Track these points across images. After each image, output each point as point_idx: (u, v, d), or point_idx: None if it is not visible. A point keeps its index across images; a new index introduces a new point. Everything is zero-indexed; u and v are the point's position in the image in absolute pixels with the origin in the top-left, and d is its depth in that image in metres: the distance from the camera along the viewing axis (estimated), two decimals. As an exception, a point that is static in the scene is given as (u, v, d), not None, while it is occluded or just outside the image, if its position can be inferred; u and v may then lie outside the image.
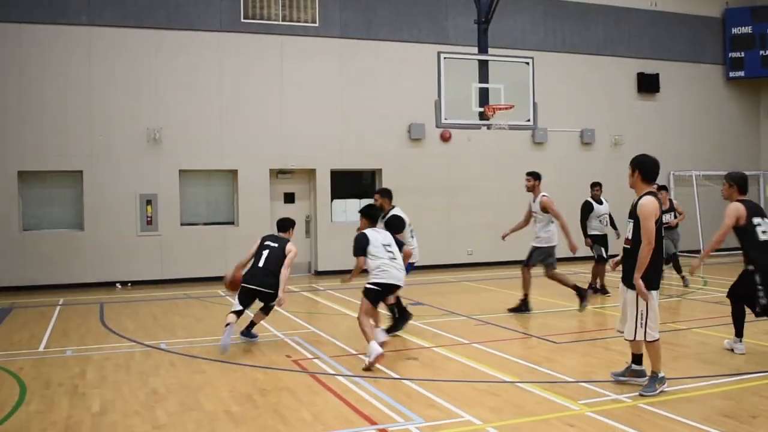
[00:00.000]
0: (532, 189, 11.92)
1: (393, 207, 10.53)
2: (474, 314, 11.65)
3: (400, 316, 10.16)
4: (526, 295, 11.86)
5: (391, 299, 9.57)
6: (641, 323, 6.71)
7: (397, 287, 8.87)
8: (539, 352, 8.79)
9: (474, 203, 19.08)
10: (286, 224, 10.38)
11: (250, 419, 6.32)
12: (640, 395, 6.70)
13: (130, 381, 7.71)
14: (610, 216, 13.86)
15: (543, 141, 19.97)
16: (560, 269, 11.96)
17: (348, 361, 8.46)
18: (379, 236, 8.97)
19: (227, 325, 9.05)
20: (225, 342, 8.89)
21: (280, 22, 17.48)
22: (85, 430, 6.13)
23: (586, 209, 13.73)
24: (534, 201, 11.87)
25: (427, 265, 16.85)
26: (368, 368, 7.89)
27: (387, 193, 10.73)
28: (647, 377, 6.95)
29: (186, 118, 16.76)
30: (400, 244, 9.47)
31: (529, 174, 12.08)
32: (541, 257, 11.73)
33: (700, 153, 22.07)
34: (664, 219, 12.62)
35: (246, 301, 9.48)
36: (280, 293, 9.30)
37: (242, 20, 17.16)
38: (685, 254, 19.64)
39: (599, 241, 13.55)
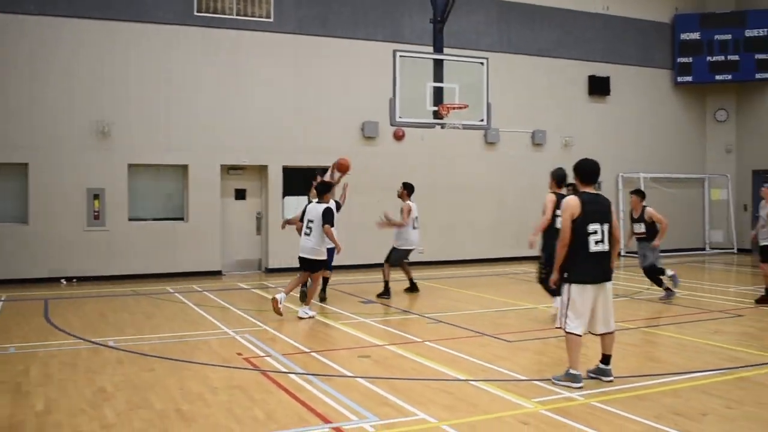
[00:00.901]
0: (401, 196, 13.69)
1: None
2: (426, 312, 11.66)
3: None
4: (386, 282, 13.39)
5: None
6: (563, 312, 7.12)
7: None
8: (492, 351, 8.81)
9: (427, 202, 19.03)
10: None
11: (201, 418, 6.21)
12: (551, 379, 7.18)
13: (77, 379, 7.51)
14: None
15: (495, 141, 20.09)
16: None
17: (300, 358, 8.38)
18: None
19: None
20: None
21: (234, 16, 17.28)
22: (29, 430, 5.95)
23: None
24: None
25: (380, 263, 16.80)
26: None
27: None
28: (611, 378, 7.24)
29: (137, 112, 16.46)
30: None
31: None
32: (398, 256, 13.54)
33: (648, 156, 22.45)
34: (635, 229, 12.84)
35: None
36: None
37: (195, 13, 16.91)
38: (630, 255, 19.96)
39: None
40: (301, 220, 11.60)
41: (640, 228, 12.87)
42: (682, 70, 22.88)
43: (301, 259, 11.35)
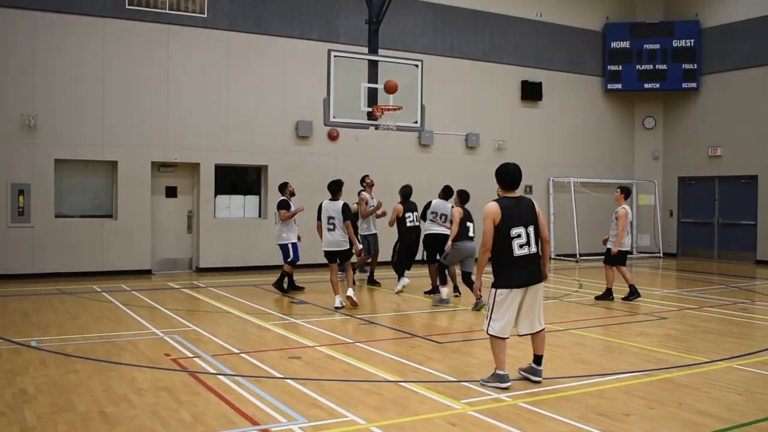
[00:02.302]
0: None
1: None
2: (357, 313, 11.66)
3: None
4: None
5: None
6: (487, 315, 7.25)
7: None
8: (422, 352, 8.85)
9: (360, 203, 19.10)
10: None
11: (126, 420, 6.08)
12: (480, 381, 7.28)
13: (-4, 380, 7.29)
14: None
15: (429, 143, 20.22)
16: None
17: (229, 360, 8.28)
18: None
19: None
20: None
21: (167, 11, 17.00)
22: (-55, 433, 5.75)
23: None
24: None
25: (312, 264, 16.76)
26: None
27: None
28: (540, 379, 7.35)
29: (64, 106, 16.05)
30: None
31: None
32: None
33: (578, 161, 22.90)
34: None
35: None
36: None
37: (127, 6, 16.58)
38: (560, 258, 20.37)
39: None
40: (319, 218, 12.64)
41: None
42: (612, 78, 23.40)
43: (329, 253, 12.29)
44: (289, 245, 13.94)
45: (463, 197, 12.89)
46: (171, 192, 17.59)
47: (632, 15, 23.86)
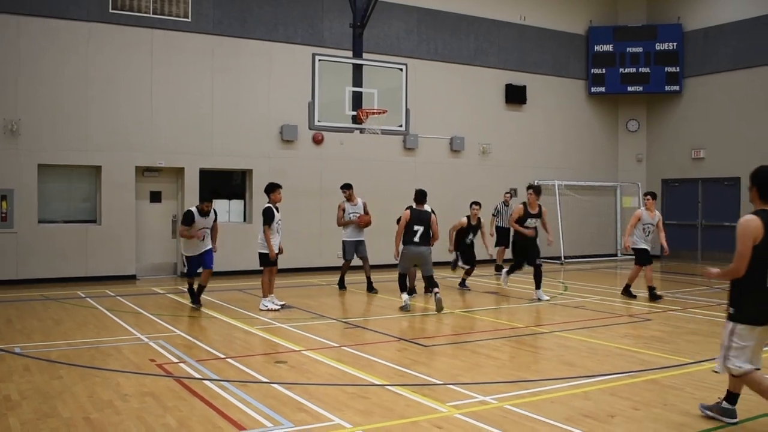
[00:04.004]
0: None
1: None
2: (343, 317, 11.65)
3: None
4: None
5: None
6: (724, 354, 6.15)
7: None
8: (408, 355, 8.86)
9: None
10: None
11: (111, 426, 6.04)
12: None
13: (-21, 387, 7.23)
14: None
15: (414, 147, 20.24)
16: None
17: (215, 365, 8.25)
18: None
19: None
20: None
21: (151, 15, 16.94)
22: (-73, 441, 5.70)
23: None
24: None
25: (297, 268, 16.76)
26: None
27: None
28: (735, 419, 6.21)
29: (48, 111, 15.96)
30: None
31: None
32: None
33: (562, 163, 22.98)
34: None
35: None
36: None
37: (110, 11, 16.52)
38: (548, 260, 20.42)
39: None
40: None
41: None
42: (595, 81, 23.52)
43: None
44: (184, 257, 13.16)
45: (420, 197, 12.68)
46: (155, 197, 17.51)
47: (615, 19, 24.00)
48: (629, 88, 23.23)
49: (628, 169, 24.26)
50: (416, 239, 12.26)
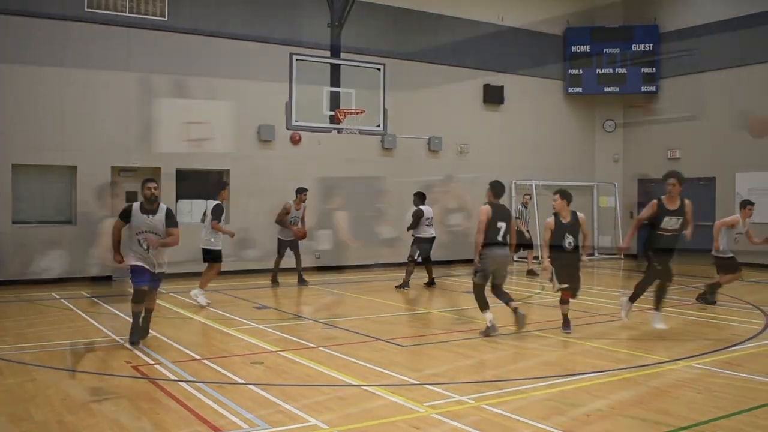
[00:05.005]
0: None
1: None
2: (320, 318, 11.62)
3: None
4: None
5: None
6: None
7: None
8: (385, 356, 8.84)
9: (323, 207, 19.02)
10: None
11: (86, 429, 5.98)
12: None
13: (-49, 390, 7.13)
14: None
15: (392, 147, 20.21)
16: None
17: (191, 366, 8.19)
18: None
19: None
20: None
21: (127, 14, 16.81)
22: None
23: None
24: None
25: (272, 268, 16.65)
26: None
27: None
28: None
29: (23, 109, 15.76)
30: None
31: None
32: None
33: (540, 163, 23.04)
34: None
35: None
36: None
37: (86, 9, 16.37)
38: (523, 260, 20.49)
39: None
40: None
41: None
42: (572, 82, 23.63)
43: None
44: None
45: (498, 190, 10.74)
46: (132, 197, 17.33)
47: (592, 19, 24.10)
48: (606, 89, 23.36)
49: (605, 169, 24.39)
50: (499, 238, 10.08)
